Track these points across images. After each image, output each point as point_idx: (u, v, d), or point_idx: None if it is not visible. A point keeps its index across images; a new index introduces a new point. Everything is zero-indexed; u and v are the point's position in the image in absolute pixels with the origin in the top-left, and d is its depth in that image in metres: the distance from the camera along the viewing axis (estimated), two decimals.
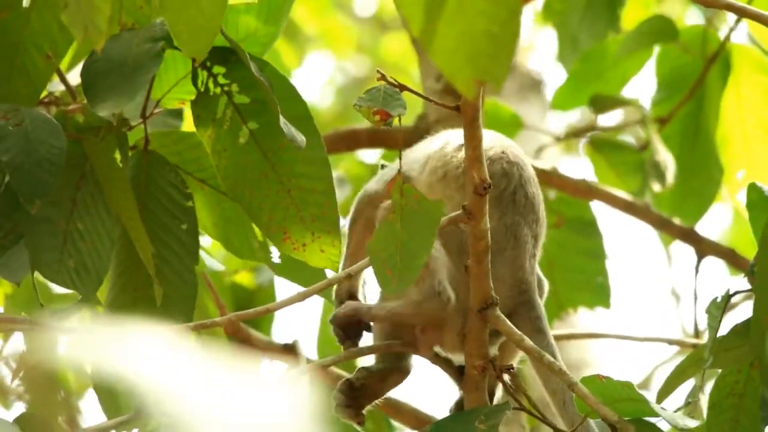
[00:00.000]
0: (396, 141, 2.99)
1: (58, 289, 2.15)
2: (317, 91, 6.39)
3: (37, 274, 2.06)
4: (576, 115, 4.23)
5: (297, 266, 2.15)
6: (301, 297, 1.84)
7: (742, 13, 1.78)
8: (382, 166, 2.17)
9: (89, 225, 2.12)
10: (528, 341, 1.91)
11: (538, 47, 4.54)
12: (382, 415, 2.77)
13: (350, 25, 6.28)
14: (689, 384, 2.11)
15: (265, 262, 2.22)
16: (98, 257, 2.11)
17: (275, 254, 2.23)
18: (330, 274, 2.12)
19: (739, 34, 3.22)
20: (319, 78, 6.52)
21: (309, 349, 2.84)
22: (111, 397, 2.18)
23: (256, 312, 1.87)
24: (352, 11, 6.40)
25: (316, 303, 2.99)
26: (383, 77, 1.76)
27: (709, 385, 2.02)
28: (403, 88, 1.78)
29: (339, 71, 6.43)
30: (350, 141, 3.09)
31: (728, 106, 3.20)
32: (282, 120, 1.99)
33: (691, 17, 3.65)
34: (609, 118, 3.40)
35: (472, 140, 1.79)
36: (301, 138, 1.99)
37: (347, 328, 2.04)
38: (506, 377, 1.98)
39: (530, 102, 4.18)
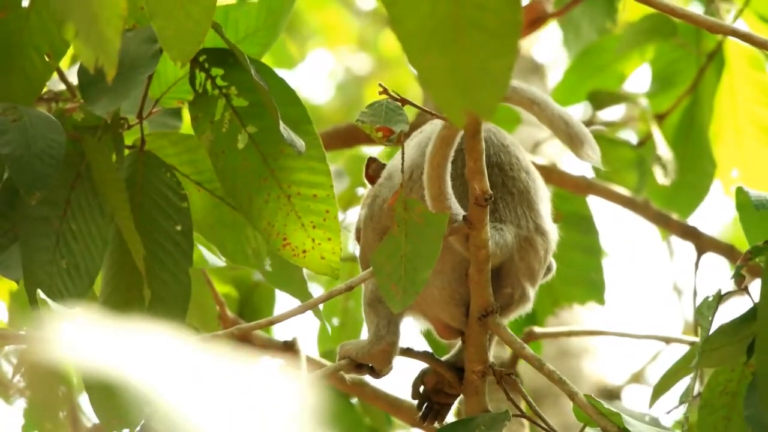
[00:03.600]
0: None
1: None
2: (318, 86, 6.36)
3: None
4: (577, 113, 4.22)
5: (287, 276, 2.16)
6: (302, 309, 1.85)
7: (748, 40, 1.78)
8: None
9: (82, 225, 2.11)
10: (528, 349, 1.93)
11: (541, 33, 4.52)
12: (381, 412, 2.79)
13: (351, 20, 6.24)
14: (685, 381, 2.12)
15: (258, 269, 2.21)
16: (90, 258, 2.10)
17: (267, 262, 2.22)
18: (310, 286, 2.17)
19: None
20: (319, 73, 6.48)
21: (310, 345, 2.85)
22: (104, 396, 2.17)
23: (258, 324, 1.89)
24: (352, 6, 6.36)
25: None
26: (385, 91, 1.76)
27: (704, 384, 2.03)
28: (404, 102, 1.79)
29: (340, 66, 6.39)
30: (349, 137, 3.08)
31: (722, 101, 3.20)
32: (282, 125, 1.97)
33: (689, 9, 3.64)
34: (609, 114, 3.40)
35: (473, 152, 1.80)
36: (300, 143, 1.98)
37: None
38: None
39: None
